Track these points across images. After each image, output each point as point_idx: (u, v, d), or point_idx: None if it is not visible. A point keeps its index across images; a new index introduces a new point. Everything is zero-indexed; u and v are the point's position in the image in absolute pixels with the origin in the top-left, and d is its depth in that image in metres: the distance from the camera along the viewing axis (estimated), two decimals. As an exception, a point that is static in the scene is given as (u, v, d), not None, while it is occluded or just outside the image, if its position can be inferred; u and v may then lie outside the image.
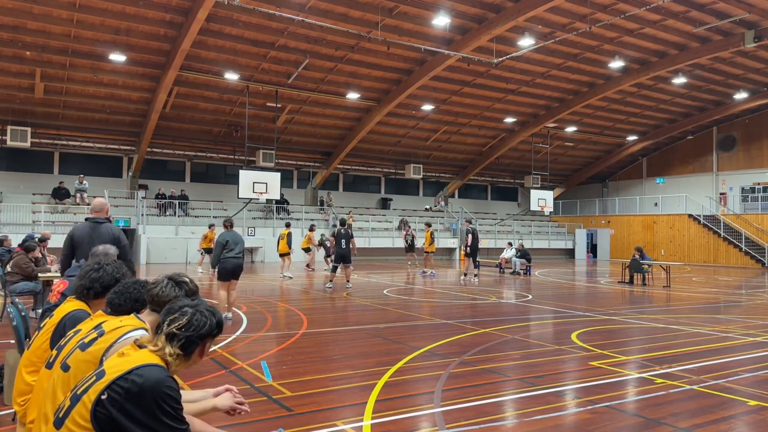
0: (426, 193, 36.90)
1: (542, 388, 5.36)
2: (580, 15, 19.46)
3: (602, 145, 35.64)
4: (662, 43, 22.37)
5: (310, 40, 20.57)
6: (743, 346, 7.66)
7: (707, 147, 33.78)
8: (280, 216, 28.47)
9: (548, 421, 4.51)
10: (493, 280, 18.60)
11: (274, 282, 16.37)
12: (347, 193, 33.84)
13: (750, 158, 31.80)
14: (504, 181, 38.70)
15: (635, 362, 6.59)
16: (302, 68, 22.08)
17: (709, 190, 33.17)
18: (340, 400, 5.04)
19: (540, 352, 7.08)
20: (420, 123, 29.19)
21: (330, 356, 6.75)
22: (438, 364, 6.29)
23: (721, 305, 12.50)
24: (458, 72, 23.69)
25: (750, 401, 5.04)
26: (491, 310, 11.12)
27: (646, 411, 4.86)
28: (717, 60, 24.02)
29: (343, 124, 28.20)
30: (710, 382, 5.63)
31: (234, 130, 26.72)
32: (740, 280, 19.89)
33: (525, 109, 28.94)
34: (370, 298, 12.43)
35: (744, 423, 4.62)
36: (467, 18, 19.56)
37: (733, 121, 32.14)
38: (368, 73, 23.46)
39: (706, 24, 20.22)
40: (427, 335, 8.06)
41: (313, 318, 9.52)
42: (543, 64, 23.88)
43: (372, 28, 19.01)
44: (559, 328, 9.16)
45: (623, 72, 24.88)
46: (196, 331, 2.28)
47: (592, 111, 29.93)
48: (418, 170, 31.93)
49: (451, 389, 5.29)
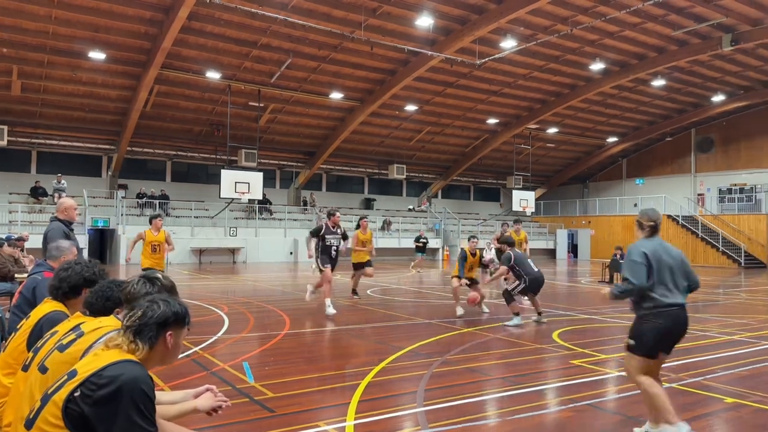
0: (409, 193, 36.97)
1: (524, 387, 5.40)
2: (561, 17, 19.64)
3: (583, 147, 36.02)
4: (642, 46, 22.68)
5: (292, 39, 20.48)
6: (721, 344, 7.79)
7: (686, 148, 34.32)
8: (262, 216, 28.32)
9: (530, 419, 4.54)
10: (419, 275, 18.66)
11: (257, 282, 16.26)
12: (330, 193, 33.76)
13: (727, 160, 32.38)
14: (486, 181, 38.93)
15: (615, 361, 6.67)
16: (285, 67, 21.99)
17: (687, 191, 33.70)
18: (323, 400, 5.02)
19: (522, 351, 7.12)
20: (403, 123, 29.24)
21: (313, 356, 6.73)
22: (421, 363, 6.30)
23: (699, 304, 12.70)
24: (441, 73, 23.77)
25: (727, 398, 5.13)
26: (473, 309, 11.17)
27: (626, 409, 4.92)
28: (695, 63, 24.43)
29: (327, 123, 28.13)
30: (689, 380, 5.72)
31: (216, 129, 26.50)
32: (717, 280, 20.23)
33: (507, 110, 29.14)
34: (353, 299, 12.40)
35: (721, 420, 4.70)
36: (450, 19, 19.63)
37: (711, 123, 32.70)
38: (351, 72, 23.44)
39: (684, 27, 20.55)
40: (410, 335, 8.07)
41: (296, 318, 9.48)
42: (525, 65, 24.07)
43: (355, 28, 19.00)
44: (541, 327, 9.23)
45: (604, 74, 25.18)
46: (150, 320, 2.26)
47: (573, 112, 30.24)
48: (402, 170, 31.97)
49: (434, 389, 5.30)
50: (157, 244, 9.77)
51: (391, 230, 31.49)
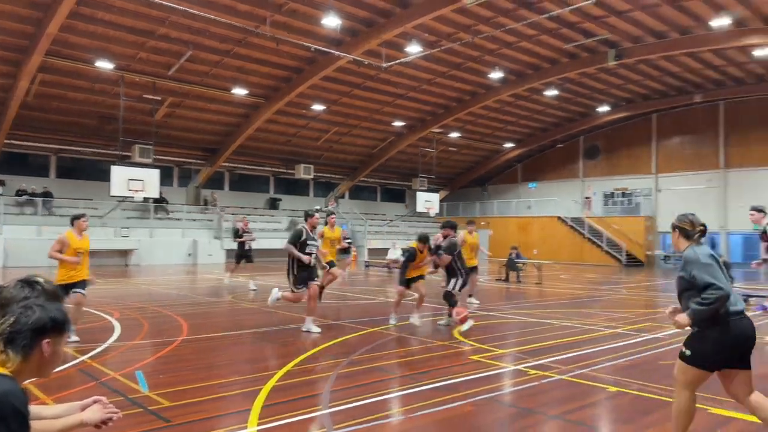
0: (317, 193, 36.72)
1: (427, 384, 5.51)
2: (464, 26, 20.36)
3: (483, 151, 37.60)
4: (537, 57, 24.05)
5: (193, 31, 19.62)
6: (605, 337, 8.41)
7: (575, 155, 36.83)
8: (158, 216, 26.90)
9: (433, 415, 4.64)
10: (382, 280, 18.91)
11: (152, 286, 15.41)
12: (234, 192, 32.75)
13: (611, 166, 35.12)
14: (393, 182, 39.53)
15: (511, 355, 7.00)
16: (184, 60, 21.03)
17: (576, 195, 36.18)
18: (224, 407, 4.84)
19: (425, 349, 7.29)
20: (311, 123, 28.99)
21: (212, 363, 6.47)
22: (326, 365, 6.26)
23: (586, 300, 13.67)
24: (349, 74, 23.83)
25: (610, 387, 5.54)
26: (380, 309, 11.28)
27: (521, 401, 5.17)
28: (584, 75, 26.26)
29: (229, 120, 27.25)
30: (576, 372, 6.11)
31: (106, 122, 24.80)
32: (602, 277, 21.88)
33: (412, 113, 29.77)
34: (256, 302, 12.10)
35: (605, 408, 5.07)
36: (357, 21, 19.72)
37: (597, 131, 35.33)
38: (256, 69, 22.86)
39: (574, 41, 22.04)
40: (315, 337, 8.00)
41: (194, 323, 9.07)
42: (429, 71, 24.71)
43: (260, 24, 18.54)
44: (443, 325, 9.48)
45: (502, 82, 26.41)
46: (24, 327, 2.06)
47: (474, 118, 31.48)
48: (309, 170, 31.65)
49: (340, 390, 5.28)
50: (83, 251, 7.67)
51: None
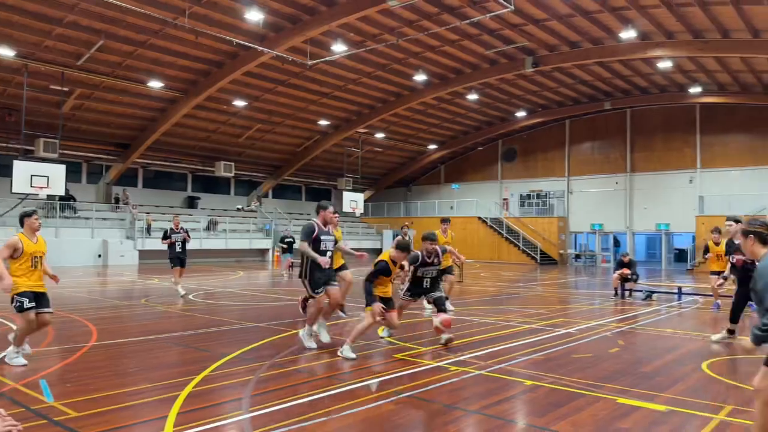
0: (238, 192, 35.80)
1: (350, 384, 5.50)
2: (389, 27, 20.53)
3: (407, 152, 38.11)
4: (459, 62, 24.66)
5: (105, 19, 18.53)
6: (521, 332, 8.75)
7: (494, 158, 38.13)
8: (64, 214, 25.25)
9: (356, 415, 4.63)
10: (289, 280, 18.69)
11: (58, 289, 14.44)
12: (148, 190, 31.32)
13: (527, 169, 36.66)
14: (318, 182, 39.22)
15: (433, 352, 7.12)
16: (95, 50, 19.84)
17: (495, 196, 37.48)
18: (137, 415, 4.60)
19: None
20: (231, 119, 28.20)
21: (125, 370, 6.13)
22: (247, 369, 6.10)
23: (504, 297, 14.18)
24: (272, 70, 23.38)
25: (527, 381, 5.76)
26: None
27: (443, 397, 5.27)
28: (503, 81, 27.23)
29: (144, 114, 25.99)
30: (495, 367, 6.32)
31: (7, 114, 22.94)
32: (518, 275, 22.78)
33: (338, 113, 29.68)
34: (172, 305, 11.62)
35: (521, 401, 5.26)
36: (281, 16, 19.39)
37: (515, 135, 36.75)
38: (174, 61, 21.93)
39: (494, 47, 22.80)
40: (236, 340, 7.78)
41: (105, 328, 8.58)
42: (355, 71, 24.72)
43: (179, 15, 17.81)
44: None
45: (426, 85, 26.88)
46: None
47: (398, 120, 31.84)
48: (230, 168, 30.79)
49: (261, 393, 5.17)
50: (39, 255, 6.23)
51: (218, 230, 30.19)
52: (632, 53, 22.19)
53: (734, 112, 28.67)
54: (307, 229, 7.18)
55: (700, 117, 29.97)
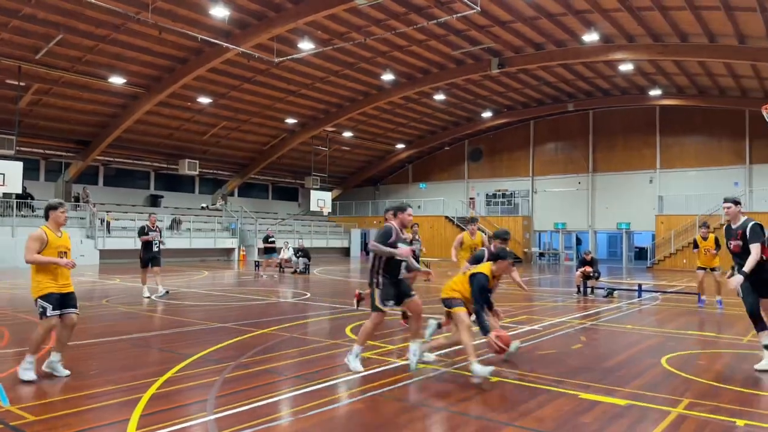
0: (202, 190, 35.22)
1: (318, 383, 5.48)
2: (356, 26, 20.50)
3: (375, 151, 38.13)
4: (426, 62, 24.79)
5: (64, 13, 17.97)
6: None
7: (460, 157, 38.48)
8: (21, 213, 24.41)
9: (323, 415, 4.62)
10: (273, 280, 18.57)
11: (15, 290, 13.95)
12: (109, 188, 30.54)
13: (493, 169, 37.12)
14: (285, 181, 38.89)
15: (400, 351, 7.15)
16: (54, 44, 19.23)
17: (462, 195, 37.83)
18: (98, 419, 4.49)
19: (316, 349, 7.24)
20: (196, 116, 27.71)
21: (84, 372, 5.97)
22: (212, 370, 6.01)
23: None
24: (238, 67, 23.06)
25: (492, 377, 5.82)
26: (270, 310, 11.06)
27: (410, 395, 5.31)
28: (469, 81, 27.49)
29: (106, 110, 25.32)
30: (461, 364, 6.38)
31: (-40, 109, 22.10)
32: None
33: (305, 111, 29.48)
34: (134, 305, 11.36)
35: (486, 397, 5.33)
36: (247, 13, 19.15)
37: (481, 136, 37.15)
38: (136, 57, 21.42)
39: (461, 48, 23.00)
40: (201, 341, 7.66)
41: (65, 329, 8.32)
42: (322, 69, 24.60)
43: (142, 9, 17.40)
44: (335, 323, 9.51)
45: (393, 85, 26.94)
46: None
47: (366, 119, 31.82)
48: (194, 166, 30.26)
49: (226, 394, 5.10)
50: (65, 251, 5.71)
51: (181, 230, 29.64)
52: (595, 56, 22.70)
53: (692, 114, 29.62)
54: (385, 232, 6.42)
55: (660, 119, 30.88)
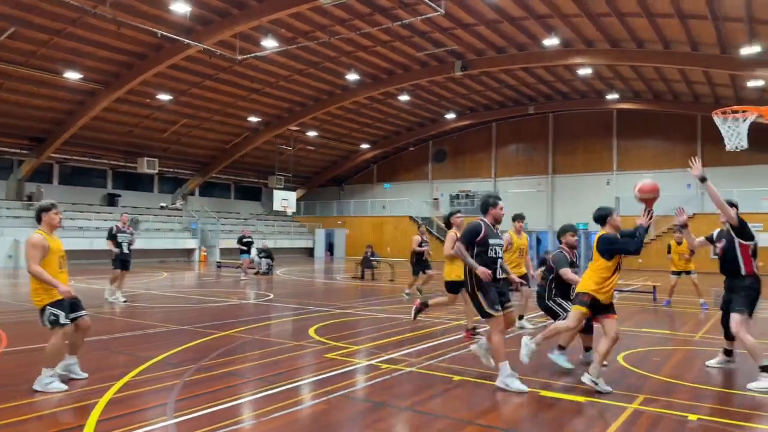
0: (162, 189, 34.42)
1: (281, 385, 5.43)
2: (321, 25, 20.39)
3: (340, 151, 38.02)
4: (391, 63, 24.86)
5: (17, 5, 17.29)
6: (450, 329, 8.95)
7: (425, 158, 38.73)
8: (-29, 212, 23.41)
9: (286, 417, 4.58)
10: (235, 281, 18.30)
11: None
12: (65, 186, 29.54)
13: (456, 169, 37.50)
14: (248, 180, 38.37)
15: (365, 351, 7.16)
16: (6, 37, 18.48)
17: (426, 196, 38.08)
18: (51, 425, 4.34)
19: (279, 350, 7.17)
20: (155, 113, 27.08)
21: (38, 377, 5.76)
22: (172, 373, 5.89)
23: (435, 295, 14.40)
24: (200, 64, 22.63)
25: (454, 377, 5.90)
26: (232, 311, 10.90)
27: (374, 395, 5.31)
28: (433, 83, 27.69)
29: (61, 106, 24.49)
30: (425, 363, 6.43)
31: None
32: (448, 273, 23.21)
33: (269, 109, 29.16)
34: (92, 307, 11.01)
35: (450, 397, 5.38)
36: (209, 9, 18.82)
37: (445, 137, 37.48)
38: (93, 51, 20.78)
39: (425, 50, 23.15)
40: (160, 343, 7.49)
41: (17, 334, 8.03)
42: (286, 67, 24.38)
43: (99, 3, 16.89)
44: (298, 324, 9.44)
45: (358, 85, 26.91)
46: None
47: (331, 118, 31.69)
48: (153, 164, 29.56)
49: (187, 398, 5.00)
50: (62, 256, 5.45)
51: (140, 229, 28.89)
52: (555, 60, 23.18)
53: (648, 118, 30.58)
54: (472, 229, 5.67)
55: (617, 122, 31.77)
